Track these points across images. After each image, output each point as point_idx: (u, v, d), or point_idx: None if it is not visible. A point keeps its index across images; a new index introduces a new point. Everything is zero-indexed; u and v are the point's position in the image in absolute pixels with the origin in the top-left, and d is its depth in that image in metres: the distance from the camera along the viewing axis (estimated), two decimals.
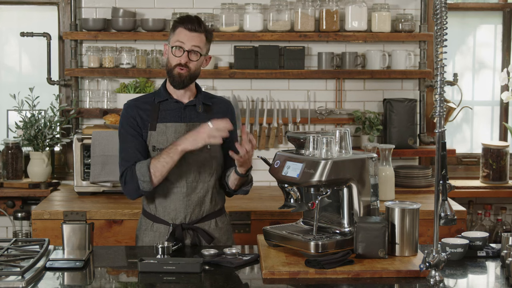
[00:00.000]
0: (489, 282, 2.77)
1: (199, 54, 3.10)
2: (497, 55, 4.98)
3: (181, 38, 3.08)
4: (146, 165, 3.04)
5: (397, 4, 4.74)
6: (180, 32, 3.09)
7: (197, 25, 3.08)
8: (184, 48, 3.08)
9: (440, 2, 2.59)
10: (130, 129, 3.15)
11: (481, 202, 4.84)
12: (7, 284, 2.54)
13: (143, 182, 3.06)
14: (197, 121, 3.15)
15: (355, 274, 2.68)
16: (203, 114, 3.18)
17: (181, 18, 3.13)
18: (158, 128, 3.14)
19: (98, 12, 4.67)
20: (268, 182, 4.68)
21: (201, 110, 3.18)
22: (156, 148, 3.13)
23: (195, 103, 3.18)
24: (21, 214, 4.53)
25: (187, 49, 3.08)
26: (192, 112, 3.18)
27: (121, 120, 3.19)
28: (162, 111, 3.17)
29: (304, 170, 2.80)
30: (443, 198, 2.62)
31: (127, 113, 3.17)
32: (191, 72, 3.11)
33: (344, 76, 4.65)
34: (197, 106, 3.18)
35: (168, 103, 3.18)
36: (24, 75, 4.82)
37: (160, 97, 3.18)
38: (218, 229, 3.23)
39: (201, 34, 3.09)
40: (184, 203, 3.16)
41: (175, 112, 3.16)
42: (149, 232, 3.20)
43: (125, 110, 3.19)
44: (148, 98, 3.22)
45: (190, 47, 3.08)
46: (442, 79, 2.60)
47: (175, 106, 3.17)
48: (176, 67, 3.10)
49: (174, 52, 3.09)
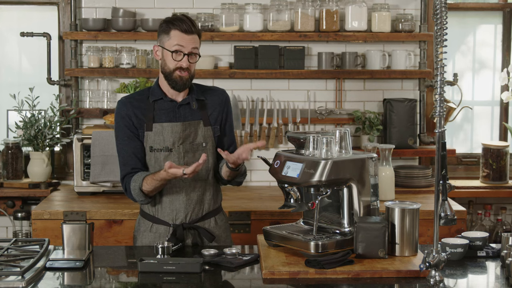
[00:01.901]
0: (489, 282, 2.77)
1: (197, 54, 3.12)
2: (497, 55, 4.98)
3: (179, 41, 3.06)
4: (138, 187, 3.07)
5: (397, 4, 4.73)
6: (176, 35, 3.07)
7: (191, 26, 3.08)
8: (184, 52, 3.07)
9: (440, 2, 2.59)
10: (126, 130, 3.14)
11: (481, 202, 4.84)
12: (7, 284, 2.54)
13: (138, 200, 3.13)
14: (192, 119, 3.16)
15: (355, 274, 2.68)
16: (197, 111, 3.18)
17: (173, 19, 3.10)
18: (154, 129, 3.14)
19: (98, 12, 4.66)
20: (268, 182, 4.68)
21: (195, 107, 3.18)
22: (153, 148, 3.13)
23: (188, 101, 3.17)
24: (21, 214, 4.53)
25: (187, 53, 3.08)
26: (186, 110, 3.17)
27: (116, 118, 3.17)
28: (157, 110, 3.16)
29: (304, 170, 2.80)
30: (443, 198, 2.62)
31: (121, 111, 3.15)
32: (191, 74, 3.12)
33: (344, 76, 4.65)
34: (191, 104, 3.18)
35: (162, 102, 3.17)
36: (24, 75, 4.81)
37: (155, 96, 3.17)
38: (217, 227, 3.25)
39: (196, 34, 3.10)
40: (184, 202, 3.16)
41: (170, 111, 3.16)
42: (148, 234, 3.20)
43: (119, 109, 3.16)
44: (141, 95, 3.19)
45: (190, 50, 3.08)
46: (442, 79, 2.60)
47: (169, 106, 3.16)
48: (176, 71, 3.09)
49: (175, 57, 3.07)
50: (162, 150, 3.13)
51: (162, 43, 3.10)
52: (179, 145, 3.13)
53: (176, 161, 3.10)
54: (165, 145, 3.13)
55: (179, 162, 3.12)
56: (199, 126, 3.17)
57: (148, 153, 3.15)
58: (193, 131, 3.16)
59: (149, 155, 3.15)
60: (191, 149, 3.15)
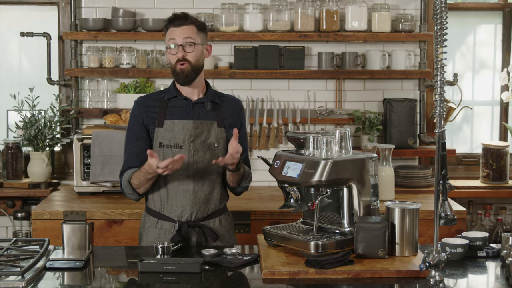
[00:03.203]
0: (489, 282, 2.77)
1: (193, 44, 3.13)
2: (497, 55, 4.98)
3: (172, 35, 3.14)
4: (127, 179, 3.14)
5: (397, 4, 4.73)
6: (170, 31, 3.16)
7: (183, 19, 3.14)
8: (177, 43, 3.13)
9: (440, 2, 2.59)
10: (133, 129, 3.21)
11: (481, 202, 4.84)
12: (7, 284, 2.54)
13: (127, 193, 3.19)
14: (205, 118, 3.19)
15: (355, 274, 2.68)
16: (212, 112, 3.21)
17: (169, 18, 3.19)
18: (165, 125, 3.17)
19: (98, 12, 4.66)
20: (268, 182, 4.68)
21: (209, 108, 3.21)
22: (163, 144, 3.16)
23: (203, 101, 3.21)
24: (21, 214, 4.53)
25: (180, 44, 3.12)
26: (200, 109, 3.20)
27: (130, 116, 3.27)
28: (171, 108, 3.20)
29: (304, 170, 2.80)
30: (443, 198, 2.62)
31: (134, 110, 3.25)
32: (192, 64, 3.14)
33: (344, 76, 4.65)
34: (206, 104, 3.21)
35: (177, 100, 3.21)
36: (24, 75, 4.81)
37: (170, 94, 3.23)
38: (222, 226, 3.26)
39: (190, 25, 3.15)
40: (191, 200, 3.17)
41: (184, 109, 3.19)
42: (153, 230, 3.21)
43: (133, 108, 3.27)
44: (158, 95, 3.27)
45: (182, 40, 3.13)
46: (442, 79, 2.60)
47: (183, 103, 3.20)
48: (177, 64, 3.14)
49: (170, 51, 3.14)
50: (172, 147, 3.16)
51: (165, 42, 3.19)
52: (189, 142, 3.15)
53: (186, 159, 3.12)
54: (175, 142, 3.15)
55: (188, 160, 3.14)
56: (212, 126, 3.19)
57: (157, 149, 3.17)
58: (206, 130, 3.18)
59: (158, 151, 3.16)
60: (202, 148, 3.16)
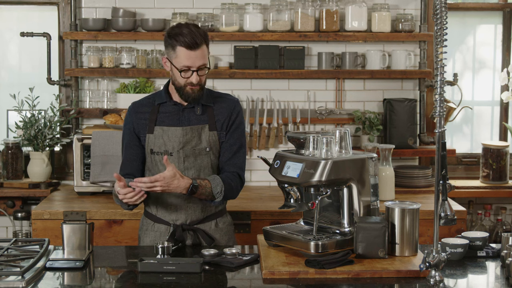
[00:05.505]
0: (489, 282, 2.77)
1: (207, 68, 3.07)
2: (497, 55, 4.98)
3: (186, 61, 2.99)
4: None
5: (397, 4, 4.73)
6: (182, 52, 2.99)
7: (197, 39, 2.98)
8: (192, 69, 3.02)
9: (440, 2, 2.59)
10: (126, 136, 3.20)
11: (481, 202, 4.84)
12: (7, 284, 2.54)
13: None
14: (196, 123, 3.14)
15: (355, 274, 2.68)
16: (203, 116, 3.16)
17: (176, 34, 3.00)
18: (155, 132, 3.14)
19: (98, 12, 4.66)
20: (268, 182, 4.68)
21: (200, 112, 3.16)
22: (154, 151, 3.14)
23: (193, 105, 3.15)
24: (21, 214, 4.53)
25: (195, 69, 3.03)
26: (191, 114, 3.15)
27: (124, 123, 3.25)
28: (161, 113, 3.16)
29: (304, 170, 2.80)
30: (443, 198, 2.62)
31: (126, 118, 3.23)
32: (202, 84, 3.09)
33: (344, 76, 4.65)
34: (196, 109, 3.16)
35: (167, 106, 3.17)
36: (24, 75, 4.81)
37: (160, 99, 3.17)
38: (218, 229, 3.23)
39: (203, 46, 3.02)
40: (184, 204, 3.16)
41: (174, 115, 3.15)
42: (150, 232, 3.21)
43: (126, 114, 3.24)
44: (150, 99, 3.21)
45: (198, 67, 3.03)
46: (442, 79, 2.60)
47: (174, 109, 3.15)
48: (187, 86, 3.06)
49: (183, 75, 3.03)
50: (162, 154, 3.13)
51: (170, 57, 3.05)
52: (179, 149, 3.12)
53: (176, 165, 3.10)
54: (166, 149, 3.12)
55: (178, 166, 3.11)
56: (203, 131, 3.14)
57: (149, 155, 3.15)
58: (196, 135, 3.14)
59: (150, 158, 3.15)
60: (193, 154, 3.14)
